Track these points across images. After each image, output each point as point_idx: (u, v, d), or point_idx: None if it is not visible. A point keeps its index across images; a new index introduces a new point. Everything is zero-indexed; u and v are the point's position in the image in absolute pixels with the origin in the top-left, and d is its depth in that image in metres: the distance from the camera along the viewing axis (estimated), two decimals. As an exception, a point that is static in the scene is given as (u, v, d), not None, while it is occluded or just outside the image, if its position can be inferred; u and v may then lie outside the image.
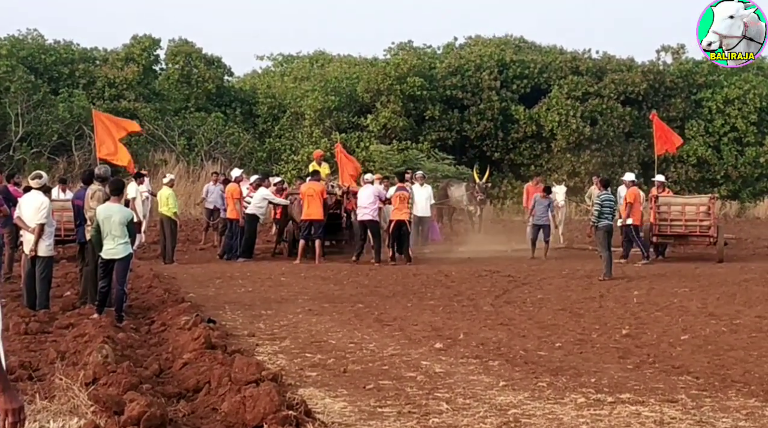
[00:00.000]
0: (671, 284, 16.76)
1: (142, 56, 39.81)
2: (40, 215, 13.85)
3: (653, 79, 39.79)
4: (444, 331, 11.47)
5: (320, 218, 20.74)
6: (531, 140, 39.19)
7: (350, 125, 38.46)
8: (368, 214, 20.71)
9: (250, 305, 13.88)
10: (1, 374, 3.99)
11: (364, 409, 7.51)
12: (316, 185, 21.06)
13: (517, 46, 44.84)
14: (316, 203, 20.72)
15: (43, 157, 33.63)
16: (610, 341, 10.82)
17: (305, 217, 20.87)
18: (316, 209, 20.68)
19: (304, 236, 21.05)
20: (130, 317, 12.26)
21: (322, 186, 21.15)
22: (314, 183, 21.18)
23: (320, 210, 20.72)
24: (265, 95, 42.01)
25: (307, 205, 20.83)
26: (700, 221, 21.32)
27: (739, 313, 13.02)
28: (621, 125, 38.72)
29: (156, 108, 38.01)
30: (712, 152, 39.89)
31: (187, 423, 6.78)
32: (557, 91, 39.13)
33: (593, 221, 18.00)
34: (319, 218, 20.73)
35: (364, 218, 20.72)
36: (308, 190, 20.99)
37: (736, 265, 20.58)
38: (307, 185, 21.31)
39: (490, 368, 9.19)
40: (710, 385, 8.42)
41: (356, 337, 11.10)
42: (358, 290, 16.08)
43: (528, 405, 7.66)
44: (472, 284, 16.89)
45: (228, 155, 36.02)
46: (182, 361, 8.73)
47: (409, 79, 37.69)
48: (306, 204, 20.86)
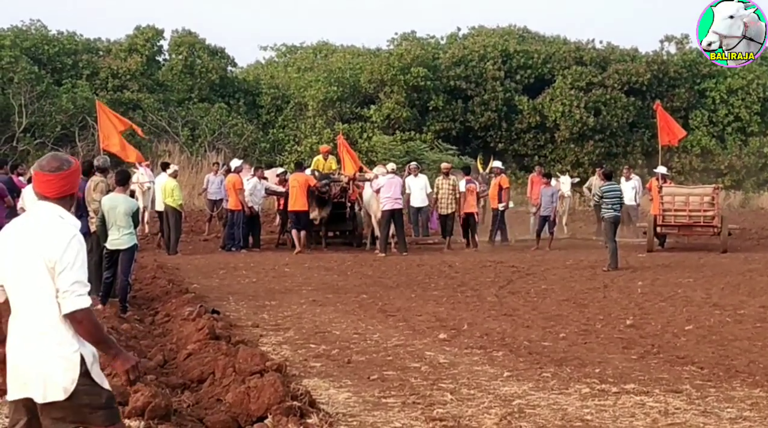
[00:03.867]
0: (675, 274, 16.76)
1: (146, 47, 39.75)
2: (43, 205, 13.83)
3: (657, 70, 39.69)
4: (448, 322, 11.47)
5: (304, 209, 20.91)
6: (535, 130, 39.13)
7: (353, 116, 38.42)
8: (398, 203, 20.81)
9: (254, 296, 13.88)
10: (111, 343, 4.42)
11: (369, 400, 7.52)
12: (300, 176, 21.35)
13: (520, 37, 44.75)
14: (300, 194, 20.90)
15: (46, 148, 33.50)
16: (615, 331, 10.82)
17: (291, 208, 21.19)
18: (300, 200, 20.88)
19: (295, 227, 21.30)
20: (134, 308, 12.27)
21: (306, 177, 21.33)
22: (298, 174, 21.52)
23: (304, 201, 20.87)
24: (268, 86, 41.93)
25: (293, 197, 21.10)
26: (704, 211, 21.30)
27: (744, 303, 13.02)
28: (625, 116, 38.65)
29: (159, 99, 37.95)
30: (716, 142, 39.82)
31: (192, 413, 6.78)
32: (561, 82, 39.06)
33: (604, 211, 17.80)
34: (303, 209, 20.92)
35: (395, 207, 20.72)
36: (293, 181, 21.33)
37: (740, 255, 20.57)
38: (293, 177, 21.66)
39: (495, 358, 9.19)
40: (714, 375, 8.41)
41: (360, 328, 11.11)
42: (362, 280, 16.08)
43: (532, 395, 7.66)
44: (476, 274, 16.89)
45: (231, 146, 35.96)
46: (186, 352, 8.73)
47: (413, 70, 37.61)
48: (292, 196, 21.14)
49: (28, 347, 4.26)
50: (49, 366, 4.21)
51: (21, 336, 4.29)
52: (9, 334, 4.37)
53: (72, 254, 4.23)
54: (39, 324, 4.25)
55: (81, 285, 4.22)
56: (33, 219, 4.41)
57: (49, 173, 4.40)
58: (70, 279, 4.20)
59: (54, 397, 4.20)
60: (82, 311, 4.21)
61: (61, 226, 4.33)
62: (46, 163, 4.44)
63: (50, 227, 4.31)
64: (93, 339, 4.26)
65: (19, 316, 4.32)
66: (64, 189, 4.43)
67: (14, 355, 4.31)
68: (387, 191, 20.61)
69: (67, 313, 4.19)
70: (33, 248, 4.26)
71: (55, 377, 4.20)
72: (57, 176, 4.40)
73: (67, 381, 4.20)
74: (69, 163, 4.47)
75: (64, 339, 4.24)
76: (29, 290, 4.27)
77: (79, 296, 4.20)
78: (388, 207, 20.54)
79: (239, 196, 21.36)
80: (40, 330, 4.24)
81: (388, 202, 20.53)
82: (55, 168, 4.41)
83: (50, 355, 4.22)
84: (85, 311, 4.22)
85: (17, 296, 4.32)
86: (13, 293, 4.34)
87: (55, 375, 4.20)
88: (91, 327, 4.24)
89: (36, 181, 4.46)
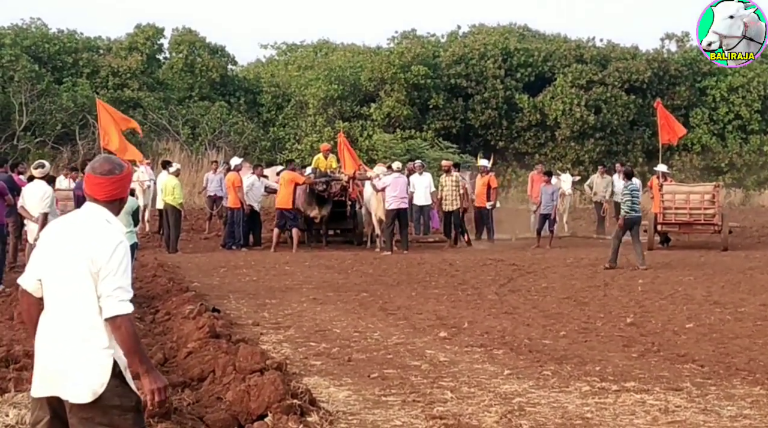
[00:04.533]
0: (676, 272, 16.75)
1: (146, 45, 39.76)
2: (43, 204, 13.87)
3: (657, 68, 39.67)
4: (448, 320, 11.47)
5: (288, 207, 21.00)
6: (535, 128, 39.12)
7: (354, 114, 38.41)
8: (404, 203, 20.83)
9: (255, 294, 13.89)
10: (144, 357, 4.31)
11: (369, 398, 7.52)
12: (288, 174, 21.51)
13: (521, 35, 44.74)
14: (286, 192, 21.03)
15: (47, 146, 33.59)
16: (615, 329, 10.81)
17: (276, 205, 21.54)
18: (285, 197, 21.03)
19: (278, 226, 21.45)
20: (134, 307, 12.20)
21: (293, 175, 21.40)
22: (287, 172, 21.70)
23: (288, 199, 20.94)
24: (268, 84, 41.95)
25: (278, 194, 21.40)
26: (705, 209, 21.30)
27: (744, 301, 13.02)
28: (625, 114, 38.62)
29: (160, 97, 37.96)
30: (716, 140, 39.81)
31: (192, 412, 6.78)
32: (561, 80, 39.04)
33: (625, 211, 17.46)
34: (286, 207, 21.03)
35: (401, 206, 20.72)
36: (281, 179, 21.58)
37: (740, 253, 20.57)
38: (282, 175, 21.90)
39: (495, 356, 9.19)
40: (715, 373, 8.41)
41: (361, 326, 11.11)
42: (362, 279, 16.08)
43: (533, 393, 7.66)
44: (477, 272, 16.88)
45: (232, 144, 35.98)
46: (187, 350, 8.73)
47: (413, 68, 37.59)
48: (278, 193, 21.41)
49: (61, 347, 4.26)
50: (81, 367, 4.21)
51: (53, 335, 4.30)
52: (39, 331, 4.38)
53: (117, 260, 4.24)
54: (74, 325, 4.26)
55: (124, 291, 4.25)
56: (80, 220, 4.42)
57: (100, 176, 4.42)
58: (113, 285, 4.21)
59: (84, 397, 4.20)
60: (123, 317, 4.22)
61: (108, 231, 4.34)
62: (98, 166, 4.46)
63: (97, 231, 4.32)
64: (127, 348, 4.24)
65: (53, 315, 4.33)
66: (114, 193, 4.45)
67: (44, 353, 4.32)
68: (393, 190, 20.59)
69: (108, 318, 4.20)
70: (78, 250, 4.27)
71: (85, 379, 4.20)
72: (108, 179, 4.42)
73: (96, 384, 4.20)
74: (121, 167, 4.49)
75: (99, 342, 4.24)
76: (68, 290, 4.28)
77: (121, 302, 4.23)
78: (394, 206, 20.52)
79: (238, 194, 21.37)
80: (74, 331, 4.25)
81: (395, 201, 20.52)
82: (107, 171, 4.43)
83: (82, 356, 4.22)
84: (126, 317, 4.23)
85: (54, 294, 4.33)
86: (50, 290, 4.35)
87: (85, 377, 4.20)
88: (128, 334, 4.23)
89: (87, 183, 4.47)
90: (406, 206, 21.06)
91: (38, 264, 4.42)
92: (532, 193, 25.65)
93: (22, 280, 4.48)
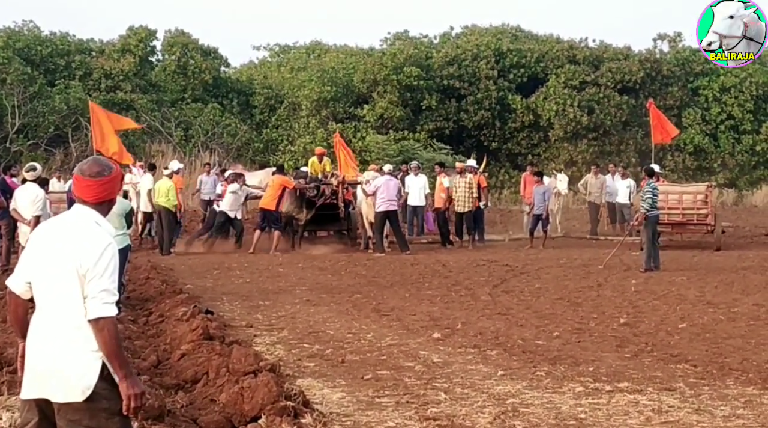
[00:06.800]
0: (669, 272, 16.76)
1: (139, 47, 39.68)
2: (35, 207, 13.84)
3: (650, 68, 39.69)
4: (442, 321, 11.47)
5: (271, 208, 21.17)
6: (528, 129, 39.10)
7: (347, 116, 38.39)
8: (393, 205, 20.84)
9: (248, 296, 13.87)
10: (123, 362, 4.26)
11: (362, 399, 7.52)
12: (277, 178, 21.72)
13: (513, 36, 44.74)
14: (272, 194, 21.21)
15: (39, 149, 33.55)
16: (608, 330, 10.82)
17: (259, 205, 21.77)
18: (269, 199, 21.23)
19: (260, 227, 21.52)
20: (127, 309, 12.23)
21: (283, 179, 21.61)
22: (277, 176, 21.89)
23: (273, 201, 21.11)
24: (261, 86, 41.93)
25: (265, 195, 21.58)
26: (698, 209, 21.35)
27: (737, 301, 13.04)
28: (618, 114, 38.62)
29: (152, 99, 37.91)
30: (708, 140, 39.83)
31: (185, 414, 6.77)
32: (554, 81, 39.04)
33: (645, 209, 17.23)
34: (269, 208, 21.20)
35: (390, 208, 20.73)
36: (270, 181, 21.87)
37: (733, 253, 20.61)
38: (272, 178, 22.10)
39: (488, 357, 9.19)
40: (708, 373, 8.42)
41: (354, 327, 11.10)
42: (355, 280, 16.08)
43: (526, 394, 7.67)
44: (470, 273, 16.89)
45: (225, 146, 35.98)
46: (180, 352, 8.72)
47: (406, 69, 37.57)
48: (265, 195, 21.59)
49: (50, 347, 4.27)
50: (69, 366, 4.21)
51: (43, 336, 4.30)
52: (30, 332, 4.38)
53: (104, 263, 4.23)
54: (63, 326, 4.26)
55: (109, 294, 4.23)
56: (69, 222, 4.41)
57: (89, 178, 4.42)
58: (99, 287, 4.20)
59: (71, 398, 4.20)
60: (106, 319, 4.20)
61: (97, 233, 4.33)
62: (87, 167, 4.45)
63: (86, 233, 4.32)
64: (108, 351, 4.21)
65: (42, 315, 4.33)
66: (103, 195, 4.44)
67: (34, 354, 4.33)
68: (383, 192, 20.61)
69: (91, 319, 4.19)
70: (66, 251, 4.27)
71: (74, 378, 4.20)
72: (97, 181, 4.42)
73: (85, 384, 4.20)
74: (110, 169, 4.48)
75: (87, 343, 4.23)
76: (56, 291, 4.28)
77: (105, 304, 4.20)
78: (383, 208, 20.53)
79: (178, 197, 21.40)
80: (63, 332, 4.25)
81: (384, 203, 20.52)
82: (96, 173, 4.43)
83: (71, 356, 4.22)
84: (109, 320, 4.21)
85: (44, 295, 4.34)
86: (39, 292, 4.36)
87: (73, 376, 4.20)
88: (110, 337, 4.20)
89: (76, 185, 4.47)
90: (395, 208, 21.03)
91: (27, 266, 4.43)
92: (525, 194, 25.68)
93: (11, 282, 4.48)
